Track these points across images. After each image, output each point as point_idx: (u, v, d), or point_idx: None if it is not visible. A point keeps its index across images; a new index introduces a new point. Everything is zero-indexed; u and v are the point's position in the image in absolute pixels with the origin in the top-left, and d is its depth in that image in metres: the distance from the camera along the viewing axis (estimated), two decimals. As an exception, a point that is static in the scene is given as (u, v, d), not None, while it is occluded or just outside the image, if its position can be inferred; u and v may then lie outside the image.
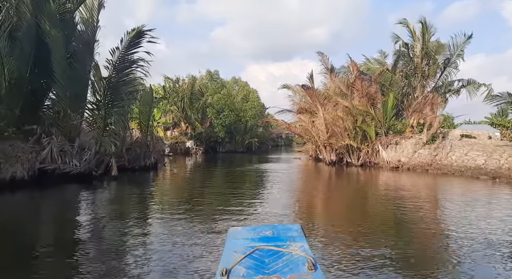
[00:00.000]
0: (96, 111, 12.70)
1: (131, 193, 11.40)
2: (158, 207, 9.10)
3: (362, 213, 9.08)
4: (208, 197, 10.69)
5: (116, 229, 6.80)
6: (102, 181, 12.58)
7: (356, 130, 21.81)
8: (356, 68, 24.54)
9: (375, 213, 9.05)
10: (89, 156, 12.44)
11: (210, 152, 37.50)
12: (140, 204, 9.81)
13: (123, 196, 10.80)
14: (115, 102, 13.02)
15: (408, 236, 6.79)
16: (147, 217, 8.03)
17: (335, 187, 14.85)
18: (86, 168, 12.31)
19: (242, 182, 15.00)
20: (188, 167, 22.52)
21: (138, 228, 6.95)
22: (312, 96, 23.52)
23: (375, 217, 8.49)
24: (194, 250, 5.52)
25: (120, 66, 12.46)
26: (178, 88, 36.04)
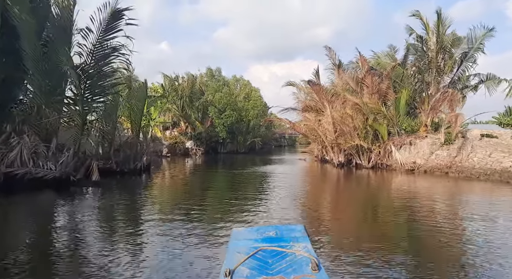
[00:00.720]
0: (72, 106, 10.99)
1: (112, 202, 9.71)
2: (142, 221, 7.40)
3: (376, 227, 7.35)
4: (203, 207, 8.97)
5: (88, 250, 5.19)
6: (82, 187, 10.89)
7: (366, 130, 20.04)
8: (365, 63, 22.80)
9: (390, 229, 7.30)
10: (66, 159, 10.76)
11: (211, 152, 35.80)
12: (120, 216, 8.13)
13: (102, 206, 9.11)
14: (95, 97, 11.32)
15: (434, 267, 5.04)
16: (127, 235, 6.34)
17: (345, 193, 13.10)
18: (63, 173, 10.64)
19: (244, 187, 13.29)
20: (185, 169, 20.84)
21: (116, 251, 5.28)
22: (319, 92, 21.76)
23: (390, 235, 6.81)
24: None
25: (98, 53, 10.75)
26: (177, 86, 34.37)
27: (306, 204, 10.25)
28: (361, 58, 22.79)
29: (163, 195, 10.69)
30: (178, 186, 13.32)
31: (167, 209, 8.50)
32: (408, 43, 23.59)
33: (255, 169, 20.64)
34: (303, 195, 11.94)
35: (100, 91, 11.21)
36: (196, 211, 8.39)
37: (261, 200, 10.05)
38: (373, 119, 19.42)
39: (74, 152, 10.84)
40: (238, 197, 10.53)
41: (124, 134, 16.65)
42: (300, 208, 9.51)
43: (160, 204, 9.19)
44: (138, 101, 16.07)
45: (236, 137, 38.59)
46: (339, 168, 20.65)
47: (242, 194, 11.20)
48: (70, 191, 10.57)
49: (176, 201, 9.59)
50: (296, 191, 12.67)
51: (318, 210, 9.20)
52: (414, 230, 7.04)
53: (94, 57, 10.68)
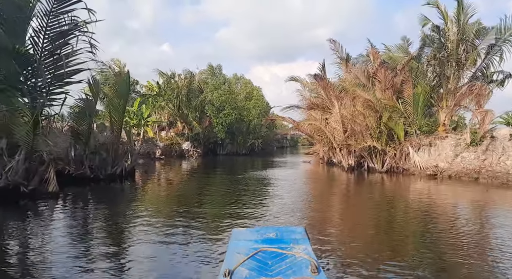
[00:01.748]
0: (20, 98, 8.63)
1: (71, 222, 7.37)
2: (97, 256, 5.07)
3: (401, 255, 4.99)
4: (193, 227, 6.63)
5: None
6: (36, 200, 8.56)
7: (380, 129, 17.68)
8: (377, 56, 20.46)
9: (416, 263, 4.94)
10: (16, 164, 8.45)
11: (209, 154, 33.47)
12: (77, 243, 5.77)
13: (56, 227, 6.78)
14: (52, 87, 8.96)
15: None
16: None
17: (360, 206, 10.70)
18: (10, 182, 8.33)
19: (244, 197, 10.89)
20: (178, 173, 18.50)
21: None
22: (326, 88, 19.43)
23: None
24: None
25: (53, 30, 8.42)
26: (173, 83, 32.04)
27: (316, 220, 7.89)
28: (373, 51, 20.45)
29: (140, 211, 8.35)
30: (164, 197, 10.94)
31: (140, 234, 6.16)
32: (423, 34, 21.22)
33: (256, 173, 18.27)
34: (311, 208, 9.58)
35: (56, 80, 8.84)
36: (182, 235, 6.06)
37: (264, 216, 7.71)
38: (388, 117, 17.03)
39: (25, 156, 8.50)
40: (237, 212, 8.18)
41: (107, 135, 14.30)
42: (311, 227, 7.15)
43: (132, 225, 6.85)
44: (120, 96, 13.74)
45: (236, 138, 36.26)
46: (349, 172, 18.28)
47: (242, 206, 8.86)
48: (18, 205, 8.26)
49: (156, 220, 7.24)
50: (303, 202, 10.31)
51: (330, 229, 6.83)
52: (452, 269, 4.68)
53: (48, 36, 8.36)
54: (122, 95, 13.89)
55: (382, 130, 17.48)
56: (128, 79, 14.49)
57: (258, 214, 7.88)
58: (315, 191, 13.08)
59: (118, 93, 13.91)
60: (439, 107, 19.91)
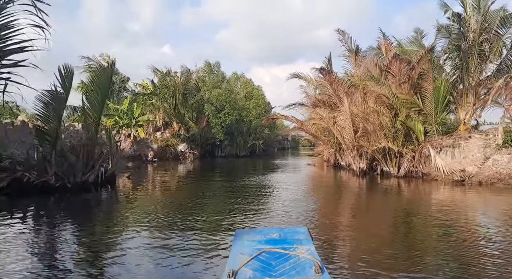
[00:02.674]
0: None
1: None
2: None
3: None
4: (183, 251, 4.50)
5: None
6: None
7: (395, 128, 15.54)
8: (390, 48, 18.34)
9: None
10: None
11: (207, 156, 31.33)
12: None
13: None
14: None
15: None
16: None
17: (375, 216, 8.53)
18: None
19: (244, 210, 8.76)
20: (170, 179, 16.36)
21: None
22: (333, 83, 17.28)
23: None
24: None
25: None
26: (169, 81, 29.95)
27: (326, 235, 5.74)
28: (385, 42, 18.33)
29: (107, 233, 6.24)
30: (144, 212, 8.68)
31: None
32: (438, 24, 19.08)
33: (258, 178, 16.08)
34: (320, 221, 7.43)
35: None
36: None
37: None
38: (406, 115, 14.87)
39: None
40: (234, 227, 6.05)
41: (80, 135, 12.14)
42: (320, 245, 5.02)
43: (91, 260, 4.71)
44: (97, 89, 11.62)
45: (236, 139, 34.13)
46: (360, 177, 16.12)
47: (241, 221, 6.74)
48: None
49: (132, 251, 5.11)
50: (310, 214, 8.13)
51: (342, 245, 4.70)
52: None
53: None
54: (101, 89, 11.77)
55: (398, 129, 15.33)
56: (110, 70, 12.35)
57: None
58: (323, 200, 10.90)
59: (96, 86, 11.78)
60: (458, 104, 17.79)
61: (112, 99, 25.32)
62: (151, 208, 8.47)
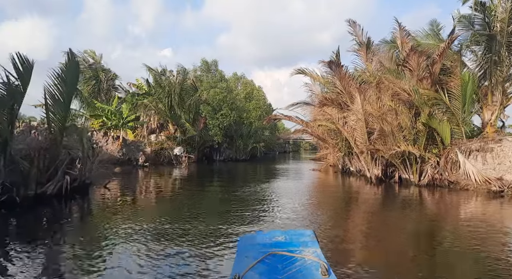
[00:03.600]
0: None
1: None
2: None
3: None
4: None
5: None
6: None
7: (416, 129, 13.40)
8: (407, 40, 16.26)
9: None
10: None
11: (204, 160, 29.19)
12: None
13: None
14: None
15: None
16: None
17: (400, 239, 6.39)
18: None
19: (244, 229, 6.64)
20: (158, 187, 14.23)
21: None
22: (344, 78, 15.18)
23: None
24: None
25: None
26: (164, 81, 27.92)
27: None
28: (401, 33, 16.23)
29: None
30: (108, 240, 6.57)
31: None
32: (459, 15, 17.01)
33: (258, 186, 13.92)
34: (336, 245, 5.33)
35: None
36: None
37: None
38: (429, 114, 12.74)
39: None
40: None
41: (38, 137, 9.99)
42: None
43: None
44: (62, 83, 9.53)
45: (235, 142, 32.02)
46: (374, 185, 13.98)
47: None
48: None
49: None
50: (322, 234, 5.99)
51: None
52: None
53: None
54: (66, 82, 9.68)
55: (420, 131, 13.20)
56: (76, 62, 10.25)
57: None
58: (335, 213, 8.74)
59: (62, 79, 9.67)
60: (483, 103, 15.69)
61: (100, 99, 23.27)
62: (121, 231, 6.34)
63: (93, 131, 19.98)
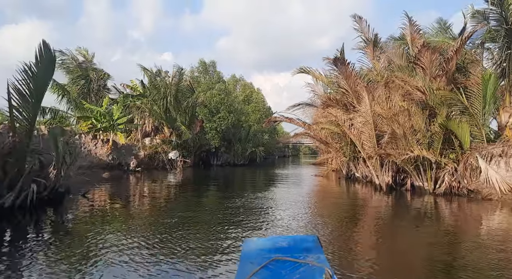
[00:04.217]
0: None
1: None
2: None
3: None
4: None
5: None
6: None
7: (431, 132, 12.08)
8: (417, 36, 15.02)
9: None
10: None
11: (201, 165, 27.81)
12: None
13: None
14: None
15: None
16: None
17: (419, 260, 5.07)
18: None
19: (233, 253, 5.32)
20: (145, 195, 12.86)
21: None
22: (350, 77, 13.91)
23: None
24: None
25: None
26: (160, 82, 26.63)
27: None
28: (411, 29, 14.98)
29: None
30: (78, 264, 5.22)
31: None
32: (472, 9, 15.79)
33: (258, 195, 12.54)
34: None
35: None
36: None
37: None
38: (447, 115, 11.42)
39: None
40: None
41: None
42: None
43: None
44: (30, 80, 8.19)
45: (233, 146, 30.67)
46: (384, 193, 12.63)
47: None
48: None
49: None
50: (336, 257, 4.67)
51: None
52: None
53: None
54: (36, 79, 8.35)
55: (435, 134, 11.87)
56: (50, 55, 8.92)
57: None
58: (344, 227, 7.39)
59: (32, 73, 8.34)
60: (500, 104, 14.40)
61: (89, 100, 21.91)
62: (93, 252, 4.96)
63: (81, 134, 18.63)
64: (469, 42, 15.85)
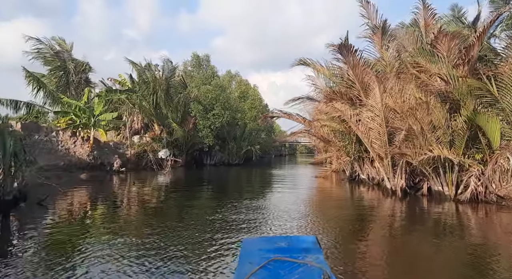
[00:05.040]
0: None
1: None
2: None
3: None
4: None
5: None
6: None
7: (452, 129, 10.30)
8: (432, 21, 13.25)
9: None
10: None
11: (194, 165, 25.92)
12: None
13: None
14: None
15: None
16: None
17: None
18: None
19: None
20: (125, 200, 11.03)
21: None
22: (357, 66, 12.10)
23: None
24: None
25: None
26: (150, 76, 24.70)
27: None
28: (425, 13, 13.19)
29: None
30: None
31: None
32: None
33: (253, 200, 10.74)
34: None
35: None
36: None
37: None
38: (473, 109, 9.62)
39: None
40: None
41: None
42: None
43: None
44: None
45: (228, 145, 28.81)
46: (398, 199, 10.85)
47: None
48: None
49: None
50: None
51: None
52: None
53: None
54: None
55: (459, 130, 10.07)
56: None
57: None
58: (354, 243, 5.61)
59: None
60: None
61: (69, 93, 19.92)
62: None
63: (58, 131, 16.68)
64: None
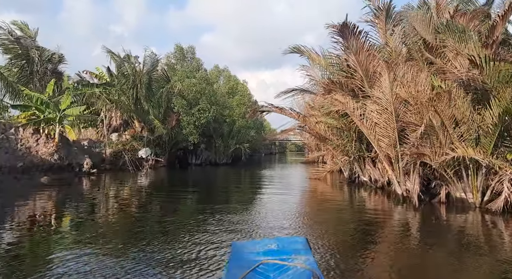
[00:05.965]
0: None
1: None
2: None
3: None
4: None
5: None
6: None
7: (478, 124, 8.44)
8: (444, 1, 11.39)
9: None
10: None
11: (177, 165, 23.72)
12: None
13: None
14: None
15: None
16: None
17: None
18: None
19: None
20: (82, 210, 8.87)
21: None
22: (362, 50, 10.16)
23: None
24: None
25: None
26: (128, 69, 22.40)
27: None
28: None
29: None
30: None
31: None
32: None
33: (242, 209, 8.72)
34: None
35: None
36: None
37: None
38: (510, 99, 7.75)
39: None
40: None
41: None
42: None
43: None
44: None
45: (215, 143, 26.68)
46: (412, 207, 8.95)
47: None
48: None
49: None
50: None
51: None
52: None
53: None
54: None
55: (488, 126, 8.21)
56: None
57: None
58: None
59: None
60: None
61: (32, 85, 17.45)
62: None
63: (18, 127, 14.34)
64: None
